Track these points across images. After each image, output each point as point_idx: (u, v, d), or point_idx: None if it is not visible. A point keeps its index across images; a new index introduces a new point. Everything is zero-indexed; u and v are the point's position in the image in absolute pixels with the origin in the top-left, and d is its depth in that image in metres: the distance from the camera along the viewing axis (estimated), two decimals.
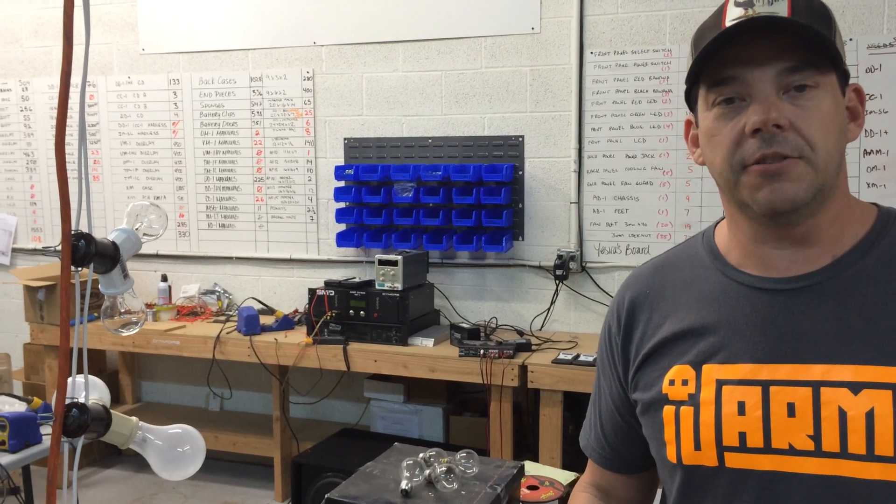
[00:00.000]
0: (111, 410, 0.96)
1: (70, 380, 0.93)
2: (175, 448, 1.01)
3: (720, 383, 1.00)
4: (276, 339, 3.60)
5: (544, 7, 3.66)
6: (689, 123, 1.09)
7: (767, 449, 0.96)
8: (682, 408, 1.02)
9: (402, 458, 1.66)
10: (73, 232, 0.86)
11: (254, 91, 4.15)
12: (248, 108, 4.17)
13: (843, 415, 0.92)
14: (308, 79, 4.05)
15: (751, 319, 1.00)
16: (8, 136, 4.63)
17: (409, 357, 3.39)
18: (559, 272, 3.62)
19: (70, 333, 0.88)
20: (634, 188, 3.59)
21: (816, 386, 0.94)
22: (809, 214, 0.97)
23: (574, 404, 3.29)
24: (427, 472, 1.63)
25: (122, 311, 0.98)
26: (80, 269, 0.91)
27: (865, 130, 3.26)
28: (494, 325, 3.77)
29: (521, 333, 3.65)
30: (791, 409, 0.95)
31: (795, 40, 0.93)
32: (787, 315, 0.99)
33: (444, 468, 1.63)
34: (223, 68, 4.20)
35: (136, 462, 4.23)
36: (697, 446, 1.00)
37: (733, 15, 0.95)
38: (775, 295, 1.00)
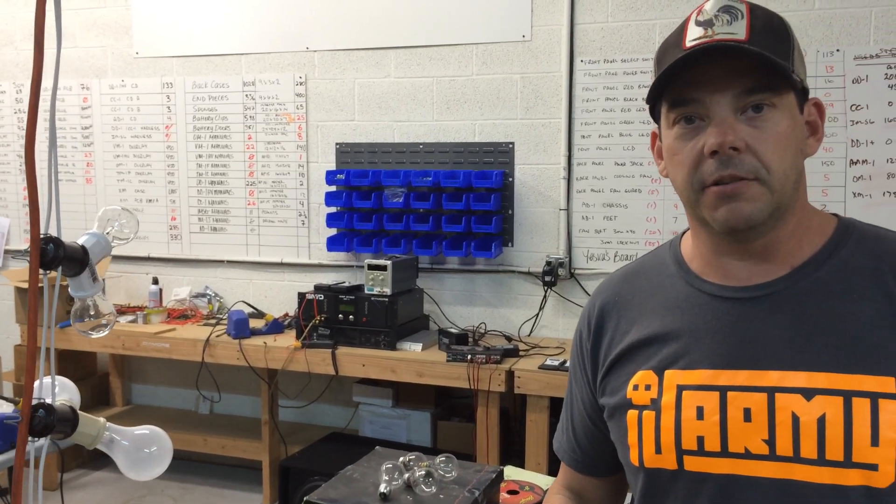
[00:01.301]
0: (79, 411, 0.98)
1: (38, 381, 0.94)
2: (142, 449, 1.03)
3: (681, 388, 1.02)
4: (265, 343, 3.61)
5: (535, 15, 3.68)
6: (654, 136, 1.11)
7: (724, 453, 0.98)
8: (645, 412, 1.05)
9: (383, 462, 1.68)
10: (42, 236, 0.88)
11: (247, 95, 4.17)
12: (240, 113, 4.19)
13: (796, 420, 0.94)
14: (301, 84, 4.07)
15: (711, 327, 1.03)
16: (2, 137, 4.65)
17: (397, 361, 3.40)
18: (548, 278, 3.64)
19: (40, 335, 0.89)
20: (623, 195, 3.61)
21: (771, 392, 0.96)
22: (767, 231, 1.00)
23: (561, 410, 3.30)
24: (406, 475, 1.65)
25: (92, 313, 1.00)
26: (48, 272, 0.92)
27: (852, 140, 3.28)
28: (483, 331, 3.78)
29: (509, 339, 3.66)
30: (747, 415, 0.97)
31: (753, 63, 0.94)
32: (746, 323, 1.01)
33: (422, 472, 1.65)
34: (216, 73, 4.22)
35: None
36: (658, 450, 1.02)
37: (694, 35, 0.97)
38: (734, 303, 1.03)
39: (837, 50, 3.27)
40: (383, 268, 3.52)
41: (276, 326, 3.81)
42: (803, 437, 0.94)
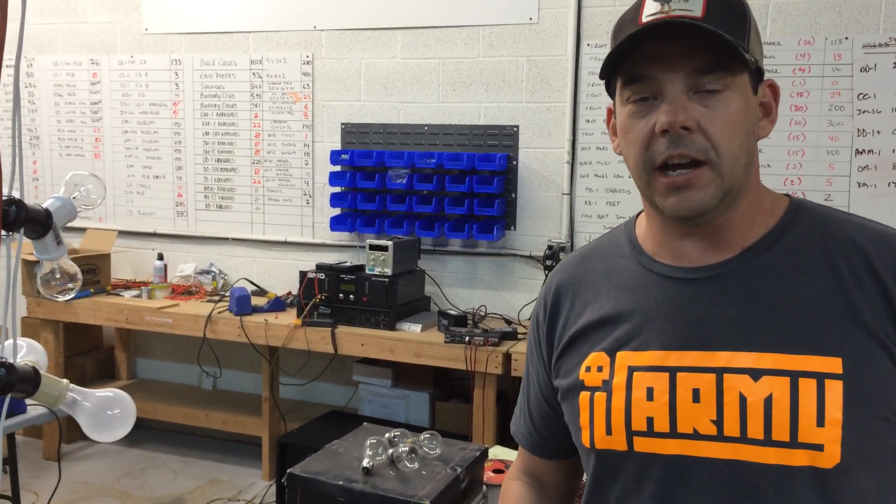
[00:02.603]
0: (42, 372, 0.99)
1: (5, 343, 0.95)
2: (105, 411, 1.04)
3: (631, 370, 1.02)
4: (265, 320, 3.64)
5: None
6: (610, 112, 1.10)
7: (673, 433, 0.98)
8: (597, 394, 1.04)
9: (368, 437, 1.69)
10: (5, 198, 0.89)
11: (254, 74, 4.18)
12: (247, 91, 4.20)
13: (743, 400, 0.94)
14: (307, 63, 4.08)
15: (662, 308, 1.03)
16: (5, 112, 4.68)
17: (396, 342, 3.42)
18: (549, 263, 3.63)
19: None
20: (626, 181, 3.59)
21: (720, 372, 0.96)
22: (718, 215, 0.99)
23: None
24: (390, 451, 1.66)
25: (59, 276, 1.01)
26: (11, 233, 0.93)
27: (858, 130, 3.25)
28: (483, 313, 3.79)
29: (508, 322, 3.67)
30: (696, 395, 0.97)
31: (707, 41, 0.93)
32: (695, 303, 1.01)
33: (406, 448, 1.67)
34: (224, 50, 4.23)
35: (128, 437, 4.27)
36: (609, 431, 1.02)
37: (650, 10, 0.96)
38: (685, 284, 1.02)
39: (846, 38, 3.23)
40: (385, 248, 3.53)
41: (277, 304, 3.84)
42: (750, 418, 0.94)
